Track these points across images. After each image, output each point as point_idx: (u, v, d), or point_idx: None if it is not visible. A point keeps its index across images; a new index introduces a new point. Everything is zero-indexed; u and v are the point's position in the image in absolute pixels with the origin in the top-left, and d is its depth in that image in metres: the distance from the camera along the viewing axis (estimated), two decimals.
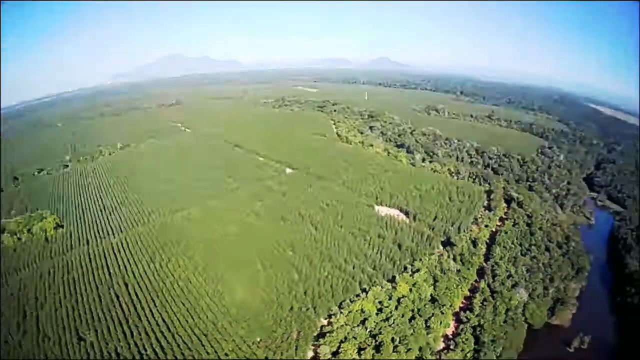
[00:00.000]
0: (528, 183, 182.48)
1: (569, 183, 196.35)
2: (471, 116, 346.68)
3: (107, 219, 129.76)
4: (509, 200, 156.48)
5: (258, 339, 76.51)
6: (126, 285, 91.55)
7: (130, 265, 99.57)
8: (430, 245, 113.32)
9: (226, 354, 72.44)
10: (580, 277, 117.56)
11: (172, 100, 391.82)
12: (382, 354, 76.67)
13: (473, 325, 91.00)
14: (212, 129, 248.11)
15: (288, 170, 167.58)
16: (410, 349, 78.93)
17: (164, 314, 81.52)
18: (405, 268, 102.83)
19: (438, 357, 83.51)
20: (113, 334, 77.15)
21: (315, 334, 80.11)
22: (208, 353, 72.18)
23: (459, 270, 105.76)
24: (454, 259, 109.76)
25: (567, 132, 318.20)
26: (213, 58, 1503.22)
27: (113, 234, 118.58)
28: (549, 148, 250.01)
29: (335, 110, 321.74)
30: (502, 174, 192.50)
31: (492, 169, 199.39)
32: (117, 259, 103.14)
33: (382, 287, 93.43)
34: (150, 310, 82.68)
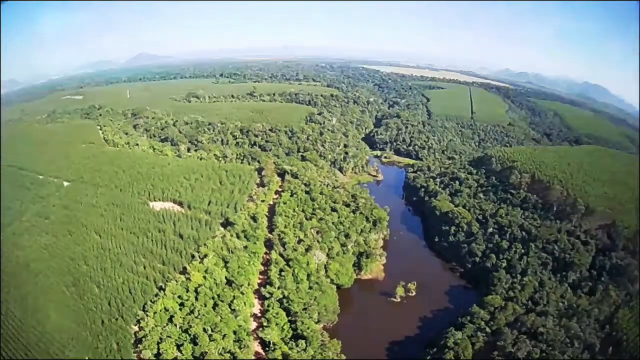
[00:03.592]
0: (300, 154, 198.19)
1: (345, 146, 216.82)
2: (232, 96, 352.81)
3: None
4: (282, 174, 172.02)
5: (87, 358, 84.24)
6: None
7: None
8: (210, 229, 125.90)
9: None
10: (379, 227, 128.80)
11: None
12: (200, 345, 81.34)
13: (278, 298, 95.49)
14: None
15: (65, 184, 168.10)
16: (225, 335, 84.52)
17: (6, 355, 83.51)
18: (193, 256, 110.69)
19: (255, 336, 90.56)
20: None
21: (132, 341, 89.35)
22: None
23: (245, 247, 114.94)
24: (238, 237, 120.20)
25: (339, 96, 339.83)
26: None
27: None
28: (319, 114, 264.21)
29: (100, 115, 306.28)
30: (270, 150, 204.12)
31: (260, 146, 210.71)
32: None
33: (176, 281, 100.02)
34: None
